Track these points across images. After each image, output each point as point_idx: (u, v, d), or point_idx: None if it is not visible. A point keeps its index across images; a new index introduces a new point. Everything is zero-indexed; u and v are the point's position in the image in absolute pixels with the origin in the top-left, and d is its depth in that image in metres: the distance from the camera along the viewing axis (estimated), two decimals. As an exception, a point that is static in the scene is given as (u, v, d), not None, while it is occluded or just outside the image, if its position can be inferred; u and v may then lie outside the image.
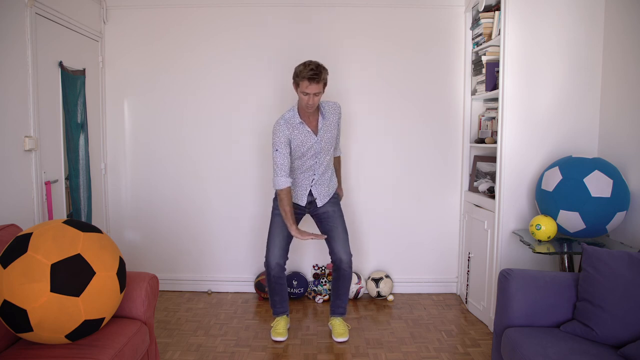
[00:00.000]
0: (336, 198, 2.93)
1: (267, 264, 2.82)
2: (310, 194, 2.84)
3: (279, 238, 2.80)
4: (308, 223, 3.16)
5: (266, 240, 2.85)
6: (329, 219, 2.85)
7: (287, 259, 2.85)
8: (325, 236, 2.77)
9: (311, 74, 2.51)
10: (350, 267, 2.82)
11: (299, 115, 2.69)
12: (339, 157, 3.09)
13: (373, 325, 3.11)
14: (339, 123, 2.83)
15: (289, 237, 2.83)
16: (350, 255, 2.82)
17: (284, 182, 2.66)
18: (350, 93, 3.56)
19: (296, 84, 2.60)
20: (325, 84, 2.62)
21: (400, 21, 3.55)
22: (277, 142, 2.67)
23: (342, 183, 3.17)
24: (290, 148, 2.69)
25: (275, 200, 2.85)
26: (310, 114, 2.71)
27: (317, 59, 2.64)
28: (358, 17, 3.54)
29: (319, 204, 2.85)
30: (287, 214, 2.68)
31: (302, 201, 2.86)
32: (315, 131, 2.72)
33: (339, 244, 2.80)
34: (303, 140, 2.69)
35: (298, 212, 2.87)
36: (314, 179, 2.82)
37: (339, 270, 2.82)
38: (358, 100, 3.57)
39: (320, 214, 2.88)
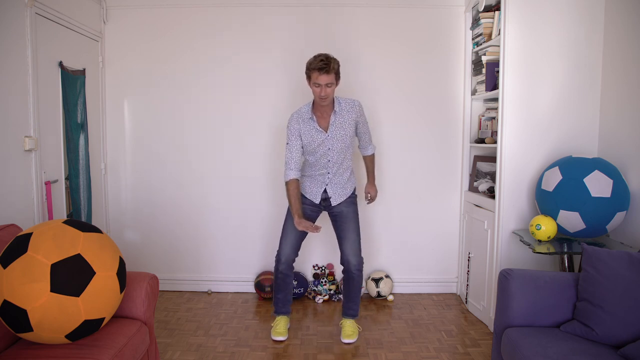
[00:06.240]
0: (353, 198, 2.92)
1: (277, 258, 2.86)
2: (325, 192, 2.86)
3: (292, 235, 2.83)
4: (323, 220, 3.07)
5: (279, 238, 2.89)
6: (342, 220, 2.85)
7: (297, 256, 2.88)
8: (320, 228, 2.66)
9: (321, 64, 2.55)
10: (360, 271, 2.81)
11: (312, 109, 2.73)
12: (372, 155, 3.04)
13: (373, 325, 3.11)
14: (358, 121, 2.79)
15: (302, 237, 2.86)
16: (361, 259, 2.81)
17: (290, 175, 2.73)
18: (349, 93, 3.55)
19: (308, 77, 2.64)
20: (337, 75, 2.63)
21: (399, 21, 3.54)
22: (289, 135, 2.75)
23: (374, 181, 3.11)
24: (303, 142, 2.73)
25: None
26: (324, 109, 2.72)
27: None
28: (357, 16, 3.54)
29: (333, 202, 2.86)
30: (292, 205, 2.72)
31: (317, 199, 2.87)
32: (326, 128, 2.74)
33: (348, 245, 2.81)
34: (313, 135, 2.72)
35: (314, 210, 2.89)
36: (328, 177, 2.83)
37: (347, 273, 2.83)
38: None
39: (335, 213, 2.89)
